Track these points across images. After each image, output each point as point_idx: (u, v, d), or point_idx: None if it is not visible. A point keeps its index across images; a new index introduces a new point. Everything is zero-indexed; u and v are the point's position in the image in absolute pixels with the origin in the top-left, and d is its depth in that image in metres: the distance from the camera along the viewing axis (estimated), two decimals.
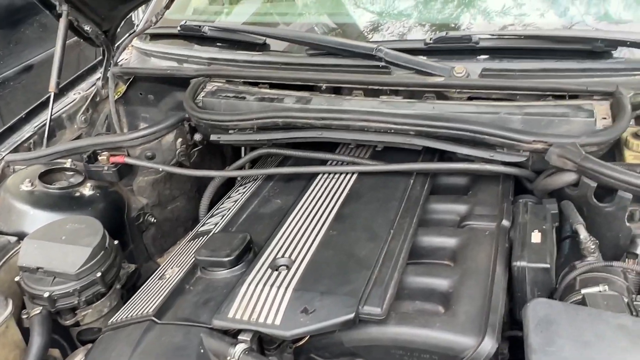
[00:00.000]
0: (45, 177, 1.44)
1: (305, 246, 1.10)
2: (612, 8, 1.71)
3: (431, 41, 1.49)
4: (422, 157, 1.35)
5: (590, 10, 1.69)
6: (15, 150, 1.61)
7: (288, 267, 1.05)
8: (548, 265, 0.99)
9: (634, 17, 1.64)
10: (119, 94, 1.92)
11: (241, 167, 1.51)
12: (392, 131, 1.29)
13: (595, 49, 1.40)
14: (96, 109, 1.92)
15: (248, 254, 1.10)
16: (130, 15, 1.98)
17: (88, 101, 1.87)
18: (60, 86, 1.69)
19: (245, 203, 1.32)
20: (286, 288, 0.98)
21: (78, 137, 1.75)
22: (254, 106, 1.46)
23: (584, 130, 1.22)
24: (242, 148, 1.66)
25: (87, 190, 1.42)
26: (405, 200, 1.21)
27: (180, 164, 1.54)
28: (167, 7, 1.54)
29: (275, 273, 1.03)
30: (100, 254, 1.18)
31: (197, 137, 1.53)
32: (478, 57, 1.50)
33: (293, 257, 1.07)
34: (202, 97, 1.53)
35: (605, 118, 1.24)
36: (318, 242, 1.10)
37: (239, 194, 1.40)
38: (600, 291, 0.92)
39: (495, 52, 1.48)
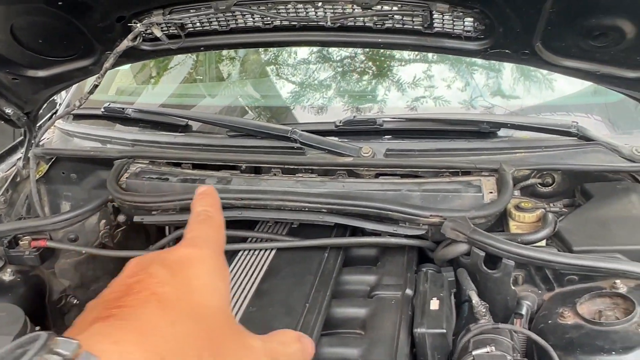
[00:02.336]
0: None
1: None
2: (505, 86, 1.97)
3: (340, 124, 1.65)
4: (335, 232, 1.46)
5: (484, 92, 1.94)
6: None
7: None
8: (444, 331, 1.11)
9: (521, 95, 1.90)
10: (40, 173, 1.94)
11: (164, 246, 1.56)
12: (306, 209, 1.41)
13: (482, 130, 1.61)
14: (16, 189, 1.92)
15: None
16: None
17: (8, 182, 1.87)
18: None
19: None
20: None
21: None
22: (176, 187, 1.54)
23: (474, 204, 1.39)
24: (167, 227, 1.72)
25: (7, 276, 1.43)
26: (320, 274, 1.31)
27: (103, 245, 1.58)
28: (91, 92, 1.61)
29: None
30: None
31: (121, 218, 1.58)
32: (383, 137, 1.67)
33: None
34: (126, 178, 1.60)
35: (492, 192, 1.42)
36: (239, 319, 1.17)
37: None
38: (487, 352, 1.05)
39: (398, 133, 1.66)
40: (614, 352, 1.04)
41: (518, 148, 1.57)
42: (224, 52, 2.29)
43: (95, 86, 1.62)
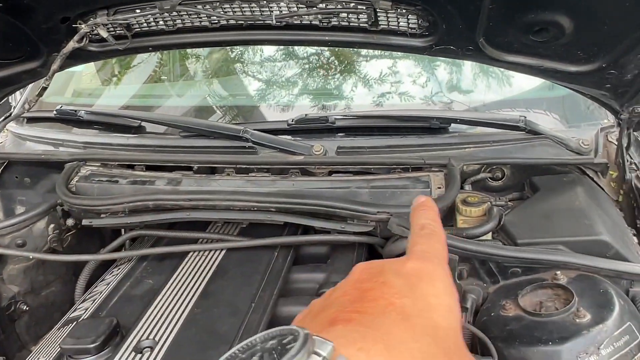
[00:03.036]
0: None
1: (171, 326, 1.16)
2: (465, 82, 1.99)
3: (293, 122, 1.65)
4: (286, 230, 1.46)
5: (444, 88, 1.96)
6: None
7: (152, 349, 1.10)
8: None
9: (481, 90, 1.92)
10: None
11: (120, 248, 1.54)
12: (255, 209, 1.40)
13: (432, 126, 1.62)
14: None
15: (115, 338, 1.14)
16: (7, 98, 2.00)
17: None
18: None
19: (117, 285, 1.36)
20: None
21: None
22: (126, 189, 1.52)
23: None
24: (122, 229, 1.70)
25: None
26: (268, 273, 1.31)
27: (53, 250, 1.55)
28: (40, 94, 1.59)
29: (139, 356, 1.08)
30: None
31: (70, 221, 1.56)
32: (336, 135, 1.67)
33: (157, 338, 1.13)
34: (76, 181, 1.58)
35: (440, 187, 1.43)
36: (183, 321, 1.17)
37: (113, 275, 1.44)
38: None
39: (349, 131, 1.66)
40: (550, 343, 1.06)
41: (467, 143, 1.58)
42: (188, 50, 2.27)
43: (44, 89, 1.60)
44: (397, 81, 1.98)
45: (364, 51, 1.99)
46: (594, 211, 1.35)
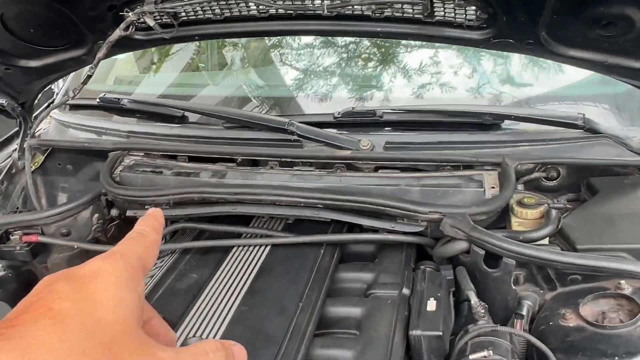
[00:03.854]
0: None
1: (217, 323, 1.13)
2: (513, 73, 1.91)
3: (339, 115, 1.60)
4: (332, 227, 1.42)
5: (492, 80, 1.89)
6: None
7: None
8: (440, 333, 1.07)
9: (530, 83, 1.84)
10: (36, 164, 1.91)
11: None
12: (302, 204, 1.37)
13: (485, 122, 1.56)
14: (12, 181, 1.90)
15: None
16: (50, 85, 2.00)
17: (3, 174, 1.85)
18: None
19: (161, 278, 1.35)
20: None
21: None
22: (170, 181, 1.50)
23: (475, 200, 1.34)
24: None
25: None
26: (315, 272, 1.27)
27: (96, 240, 1.55)
28: (85, 82, 1.57)
29: None
30: None
31: (114, 212, 1.55)
32: (383, 130, 1.62)
33: (204, 336, 1.10)
34: (120, 171, 1.56)
35: (494, 187, 1.37)
36: (230, 319, 1.14)
37: (156, 268, 1.42)
38: (484, 356, 1.01)
39: (398, 125, 1.61)
40: (617, 357, 1.00)
41: (522, 141, 1.52)
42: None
43: (89, 77, 1.58)
44: (438, 72, 1.91)
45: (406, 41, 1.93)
46: None
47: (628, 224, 1.27)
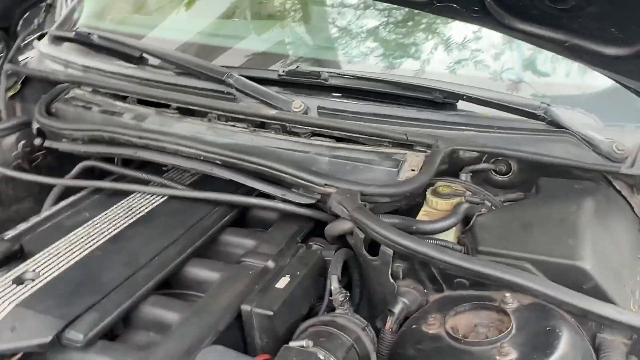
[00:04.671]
0: None
1: (64, 262, 1.09)
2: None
3: (284, 73, 1.49)
4: (239, 190, 1.33)
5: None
6: None
7: (33, 281, 1.04)
8: (271, 313, 0.96)
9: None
10: (15, 90, 1.95)
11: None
12: (201, 158, 1.29)
13: (435, 100, 1.38)
14: None
15: (11, 263, 1.10)
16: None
17: None
18: None
19: (57, 212, 1.32)
20: (10, 302, 0.97)
21: None
22: (95, 118, 1.47)
23: (385, 180, 1.20)
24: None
25: None
26: (191, 229, 1.20)
27: (19, 167, 1.55)
28: (68, 16, 1.56)
29: (14, 286, 1.02)
30: None
31: (37, 141, 1.54)
32: (330, 95, 1.49)
33: (46, 272, 1.06)
34: (56, 103, 1.55)
35: (413, 170, 1.22)
36: (76, 260, 1.10)
37: (65, 202, 1.40)
38: (302, 346, 0.89)
39: (343, 92, 1.47)
40: None
41: (470, 125, 1.33)
42: None
43: (73, 10, 1.57)
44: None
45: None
46: (592, 231, 1.07)
47: (547, 232, 1.08)
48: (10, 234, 1.26)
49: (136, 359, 0.89)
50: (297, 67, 1.48)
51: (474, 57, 1.73)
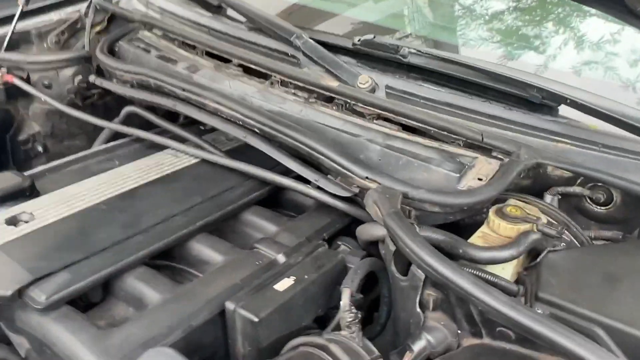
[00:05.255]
0: None
1: (67, 209, 1.00)
2: None
3: (358, 42, 1.29)
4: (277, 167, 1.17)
5: None
6: None
7: (26, 223, 0.96)
8: (255, 319, 0.80)
9: None
10: (102, 26, 1.92)
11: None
12: (240, 122, 1.14)
13: (531, 99, 1.12)
14: (75, 34, 1.93)
15: (20, 198, 1.03)
16: None
17: (66, 24, 1.88)
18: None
19: (90, 154, 1.25)
20: None
21: None
22: (151, 62, 1.37)
23: (441, 185, 0.98)
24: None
25: None
26: (210, 200, 1.06)
27: (73, 103, 1.49)
28: None
29: (4, 226, 0.95)
30: None
31: (91, 78, 1.46)
32: (409, 74, 1.27)
33: (42, 216, 0.98)
34: (121, 42, 1.47)
35: (480, 179, 0.99)
36: (77, 211, 1.00)
37: (102, 146, 1.32)
38: None
39: (423, 73, 1.24)
40: None
41: (567, 136, 1.07)
42: None
43: None
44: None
45: None
46: None
47: (634, 293, 0.81)
48: (34, 170, 1.20)
49: (90, 337, 0.77)
50: (374, 37, 1.27)
51: (606, 62, 1.44)
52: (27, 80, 1.46)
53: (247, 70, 1.36)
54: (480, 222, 0.97)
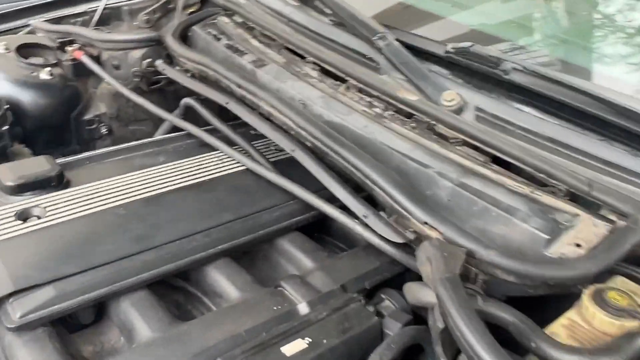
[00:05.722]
0: (27, 49, 1.44)
1: (83, 210, 0.90)
2: None
3: (452, 50, 1.08)
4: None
5: None
6: (58, 21, 1.63)
7: (38, 218, 0.87)
8: None
9: None
10: (194, 8, 1.84)
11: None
12: (292, 132, 0.97)
13: None
14: (167, 14, 1.87)
15: (47, 188, 0.94)
16: None
17: (159, 3, 1.82)
18: None
19: (136, 146, 1.15)
20: None
21: None
22: (218, 52, 1.24)
23: (523, 247, 0.76)
24: None
25: (44, 74, 1.38)
26: (242, 219, 0.90)
27: (138, 87, 1.40)
28: None
29: (13, 219, 0.86)
30: None
31: (158, 62, 1.36)
32: (510, 92, 1.04)
33: (55, 214, 0.88)
34: (196, 26, 1.36)
35: (578, 245, 0.75)
36: (92, 212, 0.89)
37: (151, 139, 1.22)
38: None
39: (523, 94, 1.00)
40: None
41: None
42: None
43: None
44: None
45: None
46: None
47: None
48: (72, 158, 1.10)
49: None
50: (471, 45, 1.05)
51: None
52: (98, 59, 1.40)
53: (325, 70, 1.19)
54: (575, 294, 0.74)
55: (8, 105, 1.26)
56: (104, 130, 1.46)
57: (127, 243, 0.83)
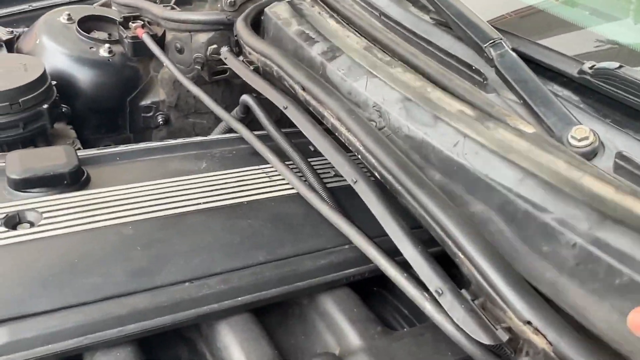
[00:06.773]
0: (92, 21, 1.31)
1: (81, 222, 0.72)
2: None
3: (590, 70, 0.80)
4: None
5: None
6: None
7: (31, 225, 0.71)
8: None
9: None
10: None
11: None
12: (358, 156, 0.74)
13: None
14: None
15: (60, 186, 0.78)
16: None
17: None
18: None
19: (178, 146, 0.97)
20: None
21: None
22: (286, 41, 1.04)
23: None
24: None
25: (103, 51, 1.24)
26: (276, 263, 0.69)
27: (198, 77, 1.21)
28: None
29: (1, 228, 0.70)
30: None
31: (223, 49, 1.16)
32: None
33: (50, 223, 0.71)
34: (273, 8, 1.16)
35: None
36: (92, 227, 0.71)
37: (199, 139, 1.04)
38: None
39: None
40: None
41: None
42: None
43: None
44: None
45: None
46: None
47: None
48: (96, 152, 0.93)
49: None
50: (619, 66, 0.77)
51: None
52: (162, 40, 1.24)
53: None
54: None
55: (55, 82, 1.13)
56: (160, 119, 1.31)
57: (120, 277, 0.64)
